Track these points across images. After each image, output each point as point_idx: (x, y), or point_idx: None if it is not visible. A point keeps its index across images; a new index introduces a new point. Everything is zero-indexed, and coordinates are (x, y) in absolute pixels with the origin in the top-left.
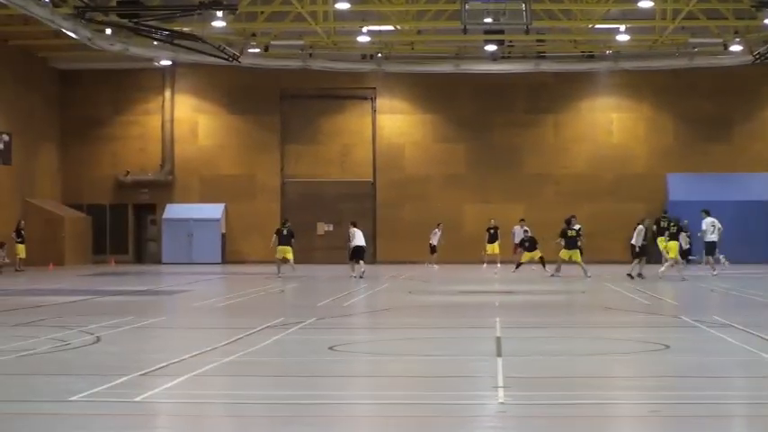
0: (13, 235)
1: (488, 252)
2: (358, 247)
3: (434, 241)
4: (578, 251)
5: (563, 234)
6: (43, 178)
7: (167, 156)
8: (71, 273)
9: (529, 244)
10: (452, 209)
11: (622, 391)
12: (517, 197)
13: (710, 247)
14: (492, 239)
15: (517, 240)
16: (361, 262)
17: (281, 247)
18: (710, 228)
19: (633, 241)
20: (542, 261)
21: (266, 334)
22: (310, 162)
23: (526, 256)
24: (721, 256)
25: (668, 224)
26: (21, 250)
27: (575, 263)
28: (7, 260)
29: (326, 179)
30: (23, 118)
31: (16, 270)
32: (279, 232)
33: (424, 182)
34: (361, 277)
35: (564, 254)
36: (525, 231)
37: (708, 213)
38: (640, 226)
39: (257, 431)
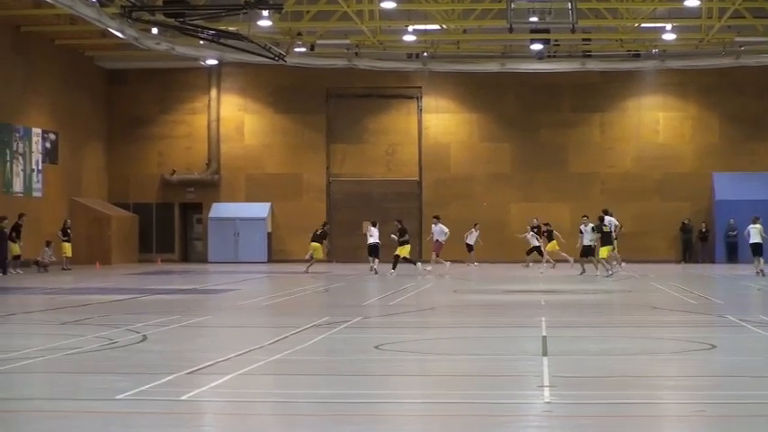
0: (59, 234)
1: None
2: (372, 245)
3: (471, 241)
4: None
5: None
6: (90, 177)
7: (213, 155)
8: (117, 271)
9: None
10: (498, 208)
11: (668, 390)
12: (563, 196)
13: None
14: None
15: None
16: (377, 260)
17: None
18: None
19: (755, 240)
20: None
21: (312, 333)
22: (356, 161)
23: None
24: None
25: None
26: (67, 249)
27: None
28: (54, 259)
29: (372, 178)
30: (70, 117)
31: (63, 269)
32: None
33: (470, 181)
34: (374, 272)
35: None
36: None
37: (608, 213)
38: (758, 225)
39: (303, 430)
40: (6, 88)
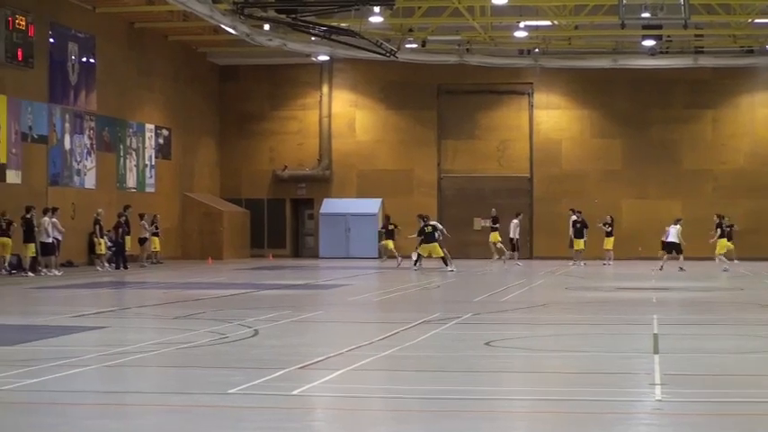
0: (152, 228)
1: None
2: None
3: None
4: (437, 245)
5: (420, 232)
6: (202, 172)
7: (325, 151)
8: (229, 267)
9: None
10: (609, 205)
11: None
12: (675, 193)
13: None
14: None
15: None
16: (516, 254)
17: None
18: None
19: None
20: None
21: (423, 329)
22: (467, 157)
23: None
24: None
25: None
26: (156, 243)
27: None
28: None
29: (483, 174)
30: (183, 113)
31: (152, 263)
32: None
33: (581, 177)
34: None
35: (423, 249)
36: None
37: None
38: None
39: (413, 425)
40: (120, 84)
